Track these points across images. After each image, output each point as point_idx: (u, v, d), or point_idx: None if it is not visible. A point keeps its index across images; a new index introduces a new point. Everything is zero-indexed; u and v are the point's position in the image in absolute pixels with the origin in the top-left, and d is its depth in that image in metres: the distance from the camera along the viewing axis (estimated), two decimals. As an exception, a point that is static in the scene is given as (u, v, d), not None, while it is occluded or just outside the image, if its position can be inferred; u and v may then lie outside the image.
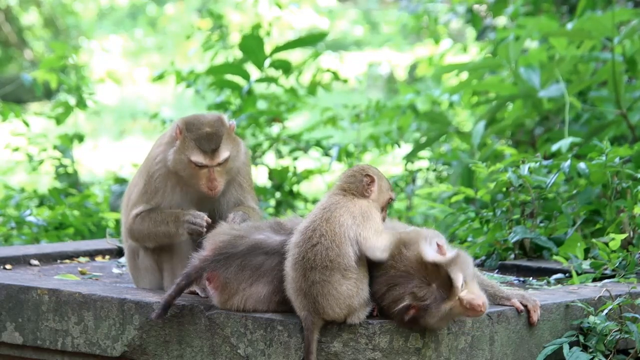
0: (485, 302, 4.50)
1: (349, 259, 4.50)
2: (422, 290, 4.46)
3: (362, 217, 4.59)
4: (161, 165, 5.22)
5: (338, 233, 4.53)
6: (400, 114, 10.31)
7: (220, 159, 5.14)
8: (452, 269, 4.46)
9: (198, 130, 5.14)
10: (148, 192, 5.24)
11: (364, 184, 4.71)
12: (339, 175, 4.81)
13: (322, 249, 4.51)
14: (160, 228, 5.18)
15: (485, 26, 12.27)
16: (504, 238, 6.25)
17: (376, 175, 4.74)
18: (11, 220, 8.25)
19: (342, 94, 15.67)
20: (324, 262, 4.50)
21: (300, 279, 4.53)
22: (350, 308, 4.50)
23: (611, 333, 4.91)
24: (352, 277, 4.50)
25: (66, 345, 5.06)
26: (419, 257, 4.49)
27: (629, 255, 5.66)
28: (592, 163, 6.33)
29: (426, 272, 4.47)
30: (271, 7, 11.73)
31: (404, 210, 10.07)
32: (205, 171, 5.14)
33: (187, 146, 5.13)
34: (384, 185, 4.76)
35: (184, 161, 5.14)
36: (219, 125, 5.17)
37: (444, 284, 4.45)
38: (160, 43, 25.53)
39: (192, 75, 10.23)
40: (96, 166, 16.48)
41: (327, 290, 4.48)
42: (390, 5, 24.51)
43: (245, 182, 5.33)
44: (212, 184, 5.14)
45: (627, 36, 8.59)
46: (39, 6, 23.12)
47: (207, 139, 5.13)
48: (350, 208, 4.62)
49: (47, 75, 10.00)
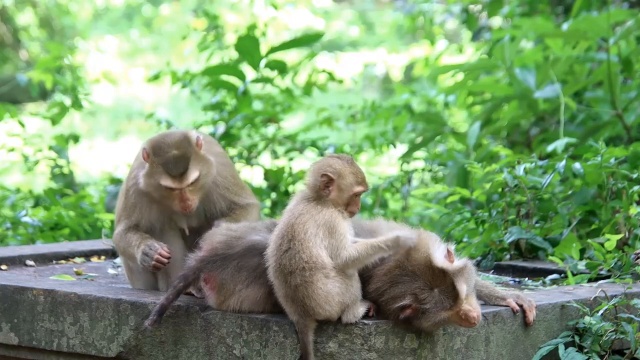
0: (479, 315, 4.53)
1: (323, 258, 4.49)
2: (424, 293, 4.46)
3: (326, 230, 4.53)
4: (135, 183, 5.21)
5: (305, 238, 4.50)
6: (395, 115, 10.31)
7: (190, 180, 5.09)
8: (458, 279, 4.47)
9: (165, 154, 5.09)
10: (127, 208, 5.25)
11: (319, 185, 4.62)
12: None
13: (294, 252, 4.51)
14: (130, 250, 5.18)
15: (481, 27, 12.27)
16: (500, 238, 6.25)
17: (336, 174, 4.61)
18: (7, 220, 8.24)
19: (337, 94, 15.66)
20: (299, 264, 4.49)
21: (283, 286, 4.53)
22: (342, 305, 4.49)
23: (607, 333, 4.92)
24: (334, 275, 4.48)
25: (62, 346, 5.05)
26: (428, 260, 4.48)
27: (624, 255, 5.66)
28: (588, 164, 6.33)
29: (432, 276, 4.47)
30: (267, 7, 11.72)
31: (400, 210, 10.07)
32: (177, 192, 5.11)
33: (156, 171, 5.09)
34: (345, 182, 4.61)
35: (154, 184, 5.11)
36: (185, 146, 5.11)
37: (446, 291, 4.46)
38: (155, 43, 25.51)
39: (187, 76, 10.22)
40: (92, 167, 16.47)
41: (311, 291, 4.48)
42: (385, 6, 24.51)
43: (229, 189, 5.30)
44: (185, 204, 5.12)
45: (622, 37, 8.60)
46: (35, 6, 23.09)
47: (174, 162, 5.08)
48: (314, 216, 4.55)
49: (43, 76, 9.99)
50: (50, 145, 10.29)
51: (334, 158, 4.67)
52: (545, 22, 9.09)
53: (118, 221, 5.29)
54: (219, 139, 9.66)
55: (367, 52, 22.81)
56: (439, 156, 9.92)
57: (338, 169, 4.62)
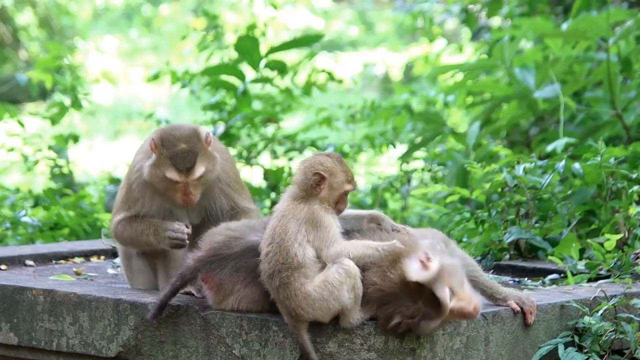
0: (477, 305, 4.49)
1: (299, 258, 4.48)
2: (410, 309, 4.43)
3: (309, 224, 4.54)
4: (139, 175, 5.21)
5: (285, 238, 4.51)
6: (395, 115, 10.32)
7: (196, 175, 5.10)
8: (436, 285, 4.41)
9: (173, 147, 5.09)
10: (129, 200, 5.24)
11: (311, 183, 4.62)
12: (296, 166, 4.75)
13: (272, 255, 4.53)
14: (142, 238, 5.19)
15: (480, 26, 12.28)
16: (499, 238, 6.25)
17: (327, 172, 4.62)
18: (6, 220, 8.24)
19: (337, 94, 15.65)
20: (276, 266, 4.51)
21: (270, 289, 4.56)
22: (328, 310, 4.47)
23: (606, 333, 4.92)
24: (314, 276, 4.48)
25: (61, 346, 5.05)
26: (403, 276, 4.45)
27: (624, 255, 5.66)
28: (587, 163, 6.33)
29: (411, 291, 4.43)
30: (266, 7, 11.72)
31: (399, 210, 10.07)
32: (180, 185, 5.12)
33: (163, 162, 5.09)
34: (336, 180, 4.62)
35: (160, 176, 5.11)
36: (194, 141, 5.12)
37: (429, 301, 4.42)
38: (155, 43, 25.51)
39: (187, 76, 10.23)
40: (91, 166, 16.47)
41: (290, 292, 4.49)
42: (385, 6, 24.51)
43: (230, 186, 5.31)
44: (188, 198, 5.13)
45: (622, 37, 8.61)
46: (34, 6, 23.08)
47: (182, 156, 5.08)
48: (296, 215, 4.56)
49: (42, 76, 9.99)
50: (49, 145, 10.30)
51: (323, 156, 4.67)
52: (544, 22, 9.09)
53: (117, 211, 5.28)
54: (218, 138, 9.66)
55: (366, 52, 22.82)
56: (438, 156, 9.92)
57: (329, 167, 4.63)
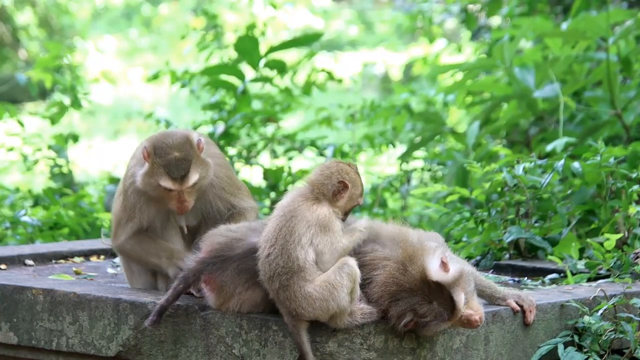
0: (482, 317, 4.55)
1: (300, 262, 4.49)
2: (423, 307, 4.45)
3: (319, 228, 4.56)
4: (133, 181, 5.20)
5: (289, 240, 4.52)
6: (394, 114, 10.31)
7: (190, 183, 5.08)
8: (454, 289, 4.46)
9: (166, 155, 5.06)
10: (127, 207, 5.23)
11: (334, 190, 4.64)
12: (316, 167, 4.74)
13: (272, 258, 4.53)
14: (151, 259, 5.18)
15: (480, 26, 12.28)
16: (499, 238, 6.25)
17: (351, 182, 4.65)
18: (6, 220, 8.24)
19: (336, 94, 15.65)
20: (277, 269, 4.51)
21: (270, 290, 4.56)
22: (328, 310, 4.48)
23: (606, 333, 4.92)
24: (314, 279, 4.49)
25: (61, 345, 5.05)
26: (424, 274, 4.47)
27: (623, 255, 5.66)
28: (587, 163, 6.33)
29: (429, 290, 4.46)
30: (266, 7, 11.72)
31: (399, 210, 10.07)
32: (174, 193, 5.10)
33: (156, 171, 5.07)
34: (356, 193, 4.67)
35: (153, 184, 5.09)
36: (187, 149, 5.09)
37: (444, 303, 4.45)
38: (154, 43, 25.50)
39: (186, 75, 10.22)
40: (91, 166, 16.47)
41: (290, 294, 4.49)
42: (384, 5, 24.50)
43: (225, 190, 5.29)
44: (182, 205, 5.12)
45: (621, 36, 8.61)
46: (34, 6, 23.09)
47: (175, 165, 5.06)
48: (307, 217, 4.57)
49: (42, 75, 9.99)
50: (49, 144, 10.30)
51: (346, 165, 4.70)
52: (544, 22, 9.09)
53: (119, 224, 5.25)
54: (218, 138, 9.66)
55: (366, 52, 22.82)
56: (438, 156, 9.92)
57: (353, 178, 4.67)
